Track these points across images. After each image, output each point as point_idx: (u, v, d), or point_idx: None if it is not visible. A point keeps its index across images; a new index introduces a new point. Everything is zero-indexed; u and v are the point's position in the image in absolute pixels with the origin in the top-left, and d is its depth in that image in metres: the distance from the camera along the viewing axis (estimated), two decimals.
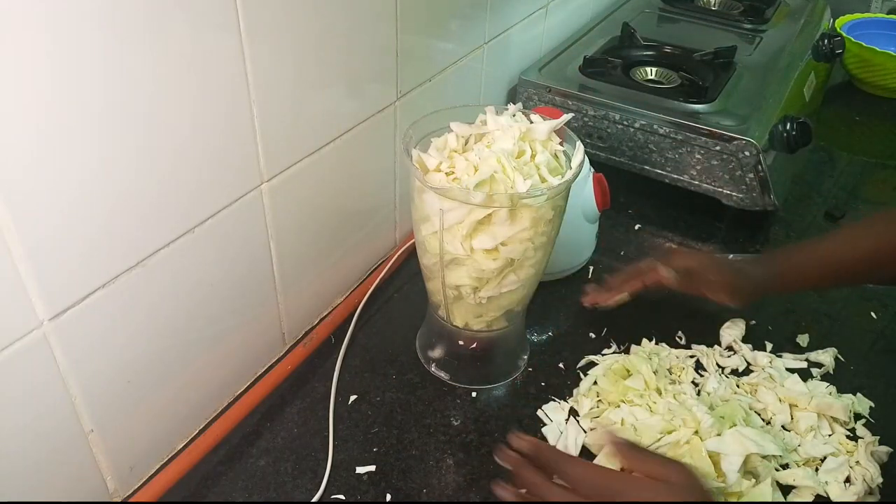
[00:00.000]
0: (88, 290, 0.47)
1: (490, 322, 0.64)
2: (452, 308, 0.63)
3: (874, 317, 0.78)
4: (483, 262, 0.57)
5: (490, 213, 0.54)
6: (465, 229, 0.55)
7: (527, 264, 0.59)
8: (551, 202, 0.56)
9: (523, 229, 0.56)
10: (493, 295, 0.60)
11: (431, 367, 0.68)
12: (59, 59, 0.40)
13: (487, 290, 0.59)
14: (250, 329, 0.65)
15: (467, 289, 0.60)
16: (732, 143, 0.86)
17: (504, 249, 0.56)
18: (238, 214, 0.57)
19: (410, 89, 0.75)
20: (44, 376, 0.47)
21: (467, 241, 0.56)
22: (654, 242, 0.87)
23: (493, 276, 0.58)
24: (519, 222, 0.55)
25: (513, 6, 0.93)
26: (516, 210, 0.55)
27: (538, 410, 0.64)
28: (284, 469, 0.59)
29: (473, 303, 0.61)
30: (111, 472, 0.54)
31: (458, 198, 0.54)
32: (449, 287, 0.61)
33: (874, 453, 0.60)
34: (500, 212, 0.54)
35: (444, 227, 0.56)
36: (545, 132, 0.59)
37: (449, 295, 0.61)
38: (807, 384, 0.67)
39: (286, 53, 0.56)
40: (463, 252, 0.57)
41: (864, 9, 1.46)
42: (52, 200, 0.43)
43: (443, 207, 0.55)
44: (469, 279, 0.59)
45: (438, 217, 0.56)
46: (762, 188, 0.86)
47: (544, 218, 0.57)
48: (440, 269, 0.59)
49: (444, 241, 0.57)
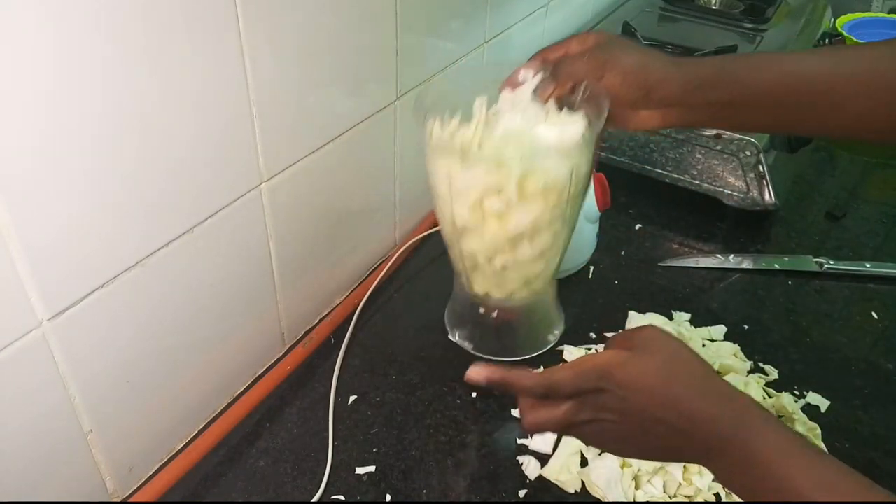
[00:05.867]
0: (87, 291, 0.47)
1: (511, 293, 0.62)
2: (472, 276, 0.62)
3: (875, 317, 0.77)
4: (494, 229, 0.55)
5: (499, 179, 0.52)
6: (474, 195, 0.53)
7: (543, 233, 0.56)
8: (567, 167, 0.53)
9: (534, 194, 0.53)
10: (508, 264, 0.58)
11: (455, 337, 0.67)
12: (58, 58, 0.40)
13: (501, 258, 0.57)
14: (250, 329, 0.65)
15: (481, 257, 0.58)
16: (733, 143, 0.86)
17: (515, 217, 0.54)
18: (237, 214, 0.57)
19: (410, 89, 0.75)
20: (43, 376, 0.47)
21: (477, 208, 0.54)
22: (654, 242, 0.87)
23: (506, 244, 0.56)
24: (530, 187, 0.53)
25: (513, 5, 0.93)
26: (527, 177, 0.52)
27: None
28: (284, 469, 0.59)
29: (490, 272, 0.59)
30: (110, 472, 0.54)
31: (466, 160, 0.52)
32: (465, 255, 0.59)
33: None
34: (511, 177, 0.52)
35: (454, 193, 0.54)
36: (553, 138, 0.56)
37: (466, 263, 0.60)
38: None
39: (286, 53, 0.56)
40: (472, 220, 0.55)
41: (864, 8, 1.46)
42: (52, 200, 0.43)
43: (451, 172, 0.53)
44: (482, 247, 0.57)
45: (447, 183, 0.54)
46: (763, 188, 0.86)
47: (557, 185, 0.53)
48: (455, 237, 0.58)
49: (455, 208, 0.55)
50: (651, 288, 0.80)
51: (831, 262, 0.83)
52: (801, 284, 0.81)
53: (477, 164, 0.52)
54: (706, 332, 0.73)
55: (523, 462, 0.60)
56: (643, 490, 0.57)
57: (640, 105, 0.54)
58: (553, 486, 0.59)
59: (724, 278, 0.82)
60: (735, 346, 0.71)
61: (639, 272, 0.82)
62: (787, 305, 0.78)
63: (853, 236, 0.89)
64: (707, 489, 0.57)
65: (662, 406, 0.42)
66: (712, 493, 0.57)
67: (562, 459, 0.60)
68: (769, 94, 0.53)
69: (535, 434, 0.51)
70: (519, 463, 0.60)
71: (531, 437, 0.62)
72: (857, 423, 0.65)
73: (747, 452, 0.40)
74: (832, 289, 0.81)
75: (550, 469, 0.59)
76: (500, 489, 0.58)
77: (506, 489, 0.58)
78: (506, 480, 0.59)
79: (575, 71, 0.54)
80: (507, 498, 0.57)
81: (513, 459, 0.60)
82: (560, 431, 0.48)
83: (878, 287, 0.81)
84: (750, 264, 0.84)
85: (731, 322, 0.75)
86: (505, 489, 0.58)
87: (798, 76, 0.52)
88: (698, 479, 0.57)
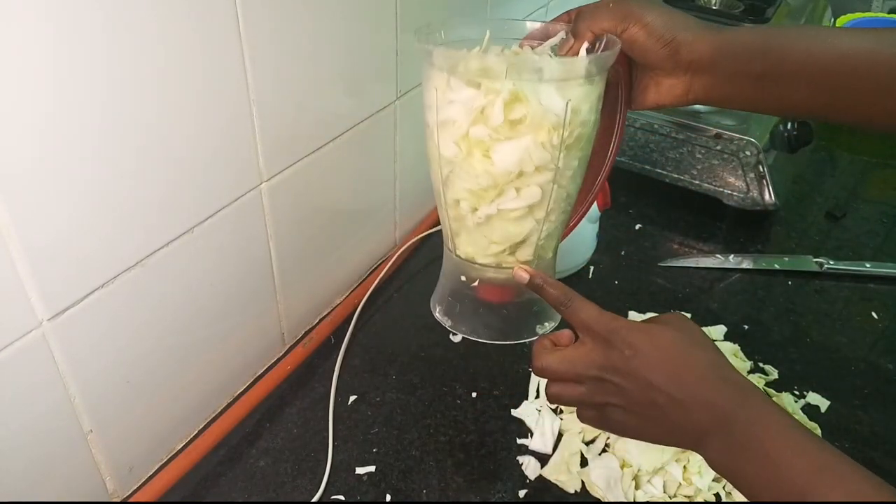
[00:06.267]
0: (88, 291, 0.47)
1: (497, 258, 0.56)
2: (456, 234, 0.57)
3: (875, 317, 0.77)
4: (480, 167, 0.51)
5: (486, 102, 0.48)
6: (461, 123, 0.50)
7: (530, 182, 0.51)
8: (561, 99, 0.48)
9: (522, 124, 0.49)
10: (492, 213, 0.53)
11: (436, 312, 0.61)
12: (58, 58, 0.40)
13: (485, 207, 0.53)
14: (250, 329, 0.65)
15: (464, 206, 0.54)
16: (733, 143, 0.86)
17: (500, 151, 0.50)
18: (237, 214, 0.57)
19: (410, 89, 0.75)
20: (43, 376, 0.47)
21: (464, 141, 0.50)
22: (654, 242, 0.87)
23: (491, 188, 0.51)
24: (517, 113, 0.49)
25: (513, 5, 0.93)
26: (514, 101, 0.48)
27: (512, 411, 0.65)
28: (284, 469, 0.59)
29: (472, 224, 0.54)
30: (110, 472, 0.54)
31: (454, 69, 0.48)
32: (449, 206, 0.55)
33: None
34: (497, 99, 0.48)
35: (440, 121, 0.51)
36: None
37: (450, 215, 0.56)
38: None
39: (286, 52, 0.56)
40: (458, 153, 0.51)
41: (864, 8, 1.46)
42: (52, 200, 0.43)
43: (436, 86, 0.50)
44: (465, 192, 0.53)
45: (433, 109, 0.51)
46: (763, 188, 0.86)
47: (547, 119, 0.48)
48: (441, 184, 0.54)
49: (440, 140, 0.51)
50: (651, 288, 0.80)
51: (831, 262, 0.83)
52: (801, 284, 0.81)
53: (463, 79, 0.48)
54: (706, 332, 0.73)
55: (523, 462, 0.60)
56: (643, 490, 0.57)
57: (665, 68, 0.50)
58: (553, 485, 0.59)
59: (724, 278, 0.82)
60: (735, 345, 0.72)
61: (639, 272, 0.82)
62: (787, 305, 0.78)
63: (853, 236, 0.90)
64: (707, 489, 0.57)
65: (665, 374, 0.43)
66: (712, 493, 0.57)
67: (562, 459, 0.60)
68: (808, 68, 0.48)
69: (542, 376, 0.50)
70: (519, 463, 0.60)
71: (530, 437, 0.62)
72: (857, 422, 0.65)
73: (746, 433, 0.40)
74: (832, 289, 0.81)
75: (550, 469, 0.59)
76: (499, 489, 0.58)
77: (505, 489, 0.58)
78: (506, 480, 0.59)
79: (595, 23, 0.50)
80: (507, 498, 0.57)
81: (513, 459, 0.60)
82: (566, 390, 0.48)
83: (878, 287, 0.82)
84: (750, 264, 0.84)
85: (731, 322, 0.75)
86: (505, 489, 0.58)
87: (842, 52, 0.47)
88: (698, 479, 0.57)
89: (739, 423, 0.41)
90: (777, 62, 0.48)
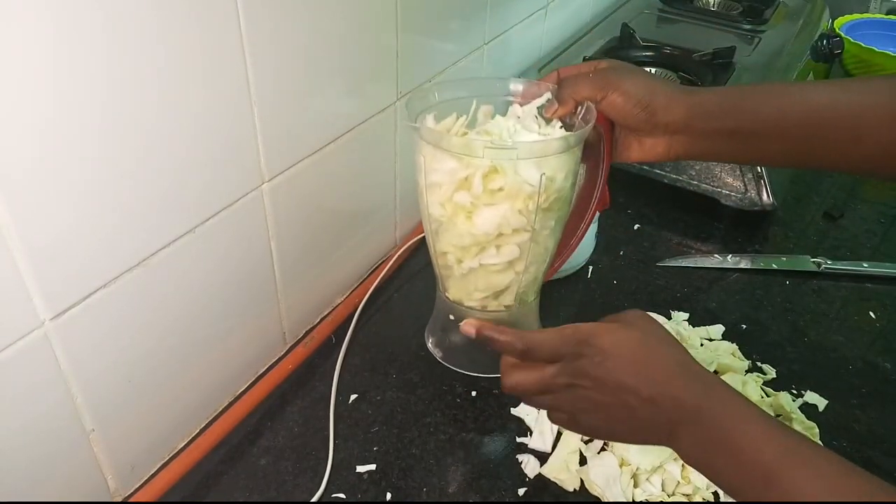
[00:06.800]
0: (90, 290, 0.47)
1: (481, 304, 0.61)
2: (446, 279, 0.62)
3: (873, 316, 0.78)
4: (463, 228, 0.55)
5: (468, 172, 0.52)
6: (446, 188, 0.54)
7: (509, 241, 0.56)
8: (536, 172, 0.52)
9: (500, 194, 0.53)
10: (474, 267, 0.57)
11: (429, 343, 0.67)
12: (59, 58, 0.40)
13: (468, 261, 0.57)
14: (251, 328, 0.65)
15: (451, 258, 0.58)
16: None
17: (481, 216, 0.54)
18: (239, 214, 0.58)
19: (410, 89, 0.75)
20: (45, 376, 0.47)
21: (448, 203, 0.54)
22: (653, 242, 0.88)
23: (474, 246, 0.56)
24: (495, 184, 0.53)
25: (513, 7, 0.94)
26: (492, 173, 0.52)
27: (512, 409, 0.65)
28: (285, 468, 0.59)
29: (458, 274, 0.59)
30: (112, 471, 0.55)
31: (436, 142, 0.53)
32: (438, 255, 0.60)
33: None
34: (478, 171, 0.52)
35: (428, 184, 0.55)
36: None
37: (440, 263, 0.60)
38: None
39: (287, 53, 0.56)
40: (444, 214, 0.55)
41: (862, 9, 1.47)
42: (53, 200, 0.43)
43: (424, 155, 0.54)
44: (451, 247, 0.57)
45: (422, 173, 0.55)
46: (761, 188, 0.87)
47: (523, 189, 0.52)
48: (431, 234, 0.59)
49: (429, 200, 0.56)
50: (649, 288, 0.80)
51: (829, 261, 0.83)
52: (798, 284, 0.82)
53: (447, 151, 0.52)
54: (704, 332, 0.74)
55: (522, 460, 0.60)
56: (642, 488, 0.58)
57: (644, 130, 0.55)
58: (552, 484, 0.59)
59: (722, 278, 0.83)
60: (733, 345, 0.72)
61: (637, 272, 0.82)
62: (785, 305, 0.79)
63: (851, 236, 0.90)
64: (706, 488, 0.57)
65: (636, 374, 0.44)
66: (710, 491, 0.58)
67: (561, 458, 0.60)
68: (779, 123, 0.52)
69: (512, 395, 0.51)
70: (518, 461, 0.60)
71: (530, 436, 0.62)
72: (855, 421, 0.65)
73: (713, 424, 0.42)
74: (830, 288, 0.81)
75: (550, 467, 0.60)
76: (499, 487, 0.58)
77: (505, 487, 0.58)
78: (505, 479, 0.59)
79: (577, 92, 0.55)
80: (507, 496, 0.58)
81: (512, 458, 0.61)
82: (536, 396, 0.49)
83: (876, 287, 0.82)
84: (748, 264, 0.84)
85: (730, 322, 0.75)
86: (504, 487, 0.58)
87: (810, 105, 0.51)
88: (697, 477, 0.58)
89: (705, 415, 0.42)
90: (748, 120, 0.53)
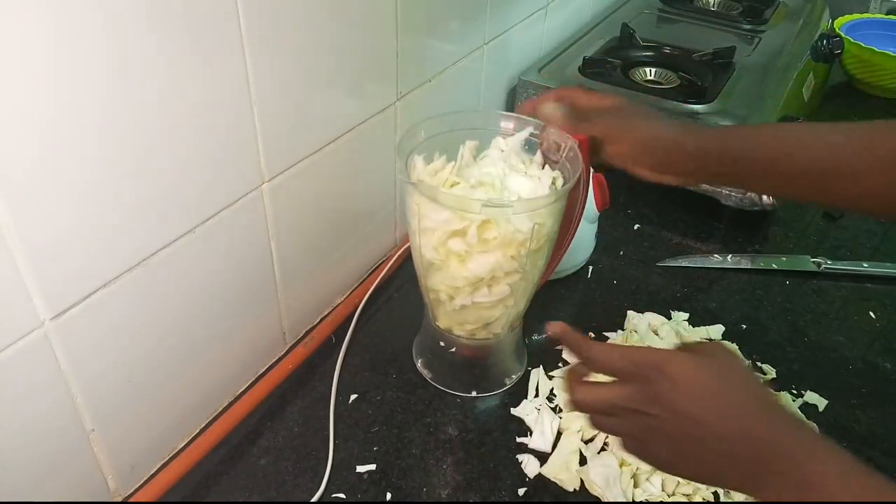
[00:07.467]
0: (90, 290, 0.47)
1: (472, 331, 0.63)
2: (436, 310, 0.64)
3: (873, 316, 0.78)
4: (456, 270, 0.57)
5: (463, 223, 0.54)
6: (440, 234, 0.55)
7: (501, 282, 0.58)
8: (528, 223, 0.54)
9: (493, 243, 0.55)
10: (466, 304, 0.59)
11: (418, 363, 0.68)
12: (59, 58, 0.40)
13: (461, 299, 0.59)
14: (251, 328, 0.65)
15: (443, 294, 0.60)
16: None
17: (474, 262, 0.56)
18: (239, 214, 0.58)
19: (410, 90, 0.75)
20: (45, 376, 0.47)
21: (442, 247, 0.56)
22: (653, 242, 0.88)
23: (467, 286, 0.58)
24: (489, 235, 0.54)
25: (513, 7, 0.94)
26: (486, 225, 0.54)
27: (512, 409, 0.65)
28: (285, 468, 0.59)
29: (449, 309, 0.61)
30: (112, 471, 0.55)
31: (432, 196, 0.54)
32: (429, 289, 0.61)
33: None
34: (472, 223, 0.54)
35: (422, 229, 0.56)
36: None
37: (431, 297, 0.62)
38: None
39: (287, 54, 0.56)
40: (437, 257, 0.57)
41: (862, 9, 1.46)
42: (53, 200, 0.43)
43: (418, 203, 0.55)
44: (443, 286, 0.59)
45: (417, 218, 0.56)
46: None
47: (515, 238, 0.55)
48: (422, 270, 0.60)
49: (422, 242, 0.57)
50: (649, 288, 0.80)
51: (829, 262, 0.83)
52: (798, 284, 0.82)
53: (443, 205, 0.54)
54: (704, 332, 0.74)
55: (523, 460, 0.60)
56: (642, 488, 0.58)
57: (654, 170, 0.58)
58: (552, 484, 0.59)
59: (722, 278, 0.83)
60: (733, 345, 0.72)
61: (637, 272, 0.82)
62: (785, 305, 0.79)
63: (851, 236, 0.90)
64: (706, 487, 0.57)
65: (704, 407, 0.41)
66: (710, 491, 0.58)
67: (561, 458, 0.60)
68: (767, 169, 0.55)
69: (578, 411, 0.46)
70: (518, 461, 0.60)
71: (530, 436, 0.62)
72: (855, 422, 0.65)
73: (807, 471, 0.38)
74: (830, 288, 0.81)
75: (550, 467, 0.60)
76: (499, 487, 0.58)
77: (505, 487, 0.58)
78: (505, 479, 0.59)
79: (562, 134, 0.58)
80: (507, 496, 0.58)
81: (512, 458, 0.61)
82: (603, 417, 0.46)
83: (876, 287, 0.82)
84: (748, 264, 0.84)
85: (729, 322, 0.75)
86: (504, 487, 0.58)
87: (810, 147, 0.53)
88: None
89: (798, 463, 0.38)
90: (740, 164, 0.55)
